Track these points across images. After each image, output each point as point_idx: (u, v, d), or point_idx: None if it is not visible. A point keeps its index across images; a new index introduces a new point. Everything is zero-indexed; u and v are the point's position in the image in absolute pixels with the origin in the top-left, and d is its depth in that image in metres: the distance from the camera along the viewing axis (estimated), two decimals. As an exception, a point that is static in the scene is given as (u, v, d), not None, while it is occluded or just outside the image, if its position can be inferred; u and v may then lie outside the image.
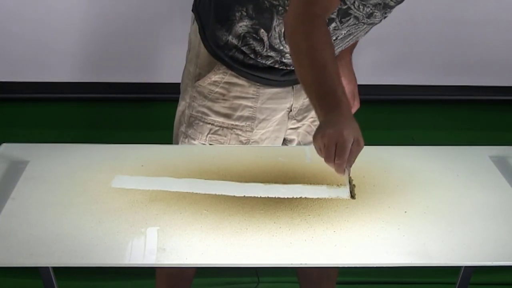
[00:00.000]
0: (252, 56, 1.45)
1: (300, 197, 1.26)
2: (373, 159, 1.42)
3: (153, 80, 2.16)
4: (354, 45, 1.59)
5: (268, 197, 1.26)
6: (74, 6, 2.03)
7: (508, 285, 2.23)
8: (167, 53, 2.11)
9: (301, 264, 1.10)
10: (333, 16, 1.33)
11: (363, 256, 1.11)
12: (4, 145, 1.42)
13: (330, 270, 1.72)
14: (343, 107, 1.19)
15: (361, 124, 1.35)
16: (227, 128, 1.51)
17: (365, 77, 2.12)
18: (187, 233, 1.14)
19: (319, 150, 1.19)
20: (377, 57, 2.16)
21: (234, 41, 1.44)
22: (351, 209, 1.23)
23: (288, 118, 1.56)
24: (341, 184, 1.31)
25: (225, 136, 1.51)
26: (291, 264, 1.10)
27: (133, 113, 2.23)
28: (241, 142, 1.52)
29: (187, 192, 1.27)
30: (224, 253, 1.10)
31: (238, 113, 1.50)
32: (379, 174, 1.36)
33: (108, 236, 1.13)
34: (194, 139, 1.54)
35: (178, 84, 1.62)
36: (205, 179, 1.32)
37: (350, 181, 1.27)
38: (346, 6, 1.32)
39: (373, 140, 2.24)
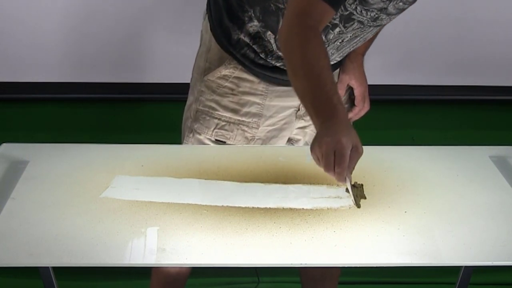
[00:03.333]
0: (262, 55, 1.45)
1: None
2: (373, 159, 1.42)
3: (153, 80, 2.16)
4: (366, 48, 1.58)
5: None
6: (70, 7, 2.03)
7: (508, 285, 2.23)
8: (167, 54, 2.11)
9: (301, 264, 1.10)
10: (336, 21, 1.33)
11: (363, 256, 1.11)
12: (4, 145, 1.42)
13: (333, 269, 1.72)
14: (339, 115, 1.17)
15: (361, 124, 1.36)
16: (233, 123, 1.51)
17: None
18: (187, 233, 1.14)
19: (317, 160, 1.17)
20: (377, 57, 2.16)
21: (246, 39, 1.44)
22: (351, 209, 1.23)
23: (296, 117, 1.56)
24: (341, 184, 1.31)
25: (231, 132, 1.51)
26: (291, 264, 1.10)
27: (132, 113, 2.23)
28: (247, 139, 1.52)
29: (187, 193, 1.27)
30: (224, 253, 1.10)
31: (246, 109, 1.50)
32: (379, 174, 1.36)
33: (108, 236, 1.13)
34: (200, 134, 1.53)
35: (179, 84, 1.62)
36: (205, 179, 1.32)
37: (353, 187, 1.26)
38: (348, 12, 1.31)
39: (373, 140, 2.24)
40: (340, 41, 1.40)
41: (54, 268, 1.28)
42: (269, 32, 1.40)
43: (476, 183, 1.34)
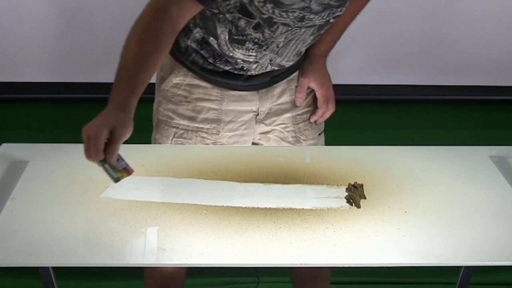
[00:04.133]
0: (211, 60, 1.44)
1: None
2: (373, 159, 1.42)
3: (153, 80, 2.16)
4: (328, 49, 1.57)
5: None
6: (71, 7, 2.03)
7: (508, 285, 2.23)
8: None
9: (301, 264, 1.10)
10: (261, 22, 1.31)
11: (363, 256, 1.11)
12: (4, 145, 1.42)
13: (323, 269, 1.71)
14: (118, 100, 1.20)
15: (362, 124, 1.35)
16: (191, 131, 1.49)
17: (365, 77, 2.13)
18: (187, 233, 1.14)
19: None
20: (377, 57, 2.16)
21: (194, 45, 1.44)
22: (351, 209, 1.23)
23: (256, 121, 1.54)
24: (341, 184, 1.31)
25: (190, 139, 1.50)
26: (291, 264, 1.10)
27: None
28: (208, 145, 1.51)
29: (187, 193, 1.27)
30: (224, 253, 1.10)
31: (203, 116, 1.49)
32: (379, 174, 1.36)
33: (108, 236, 1.13)
34: (161, 144, 1.53)
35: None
36: (205, 179, 1.32)
37: (353, 188, 1.26)
38: (266, 16, 1.29)
39: (373, 140, 2.24)
40: (275, 45, 1.38)
41: (54, 268, 1.28)
42: (211, 38, 1.40)
43: (476, 183, 1.34)
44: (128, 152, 1.41)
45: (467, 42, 2.17)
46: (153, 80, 2.12)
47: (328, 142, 1.65)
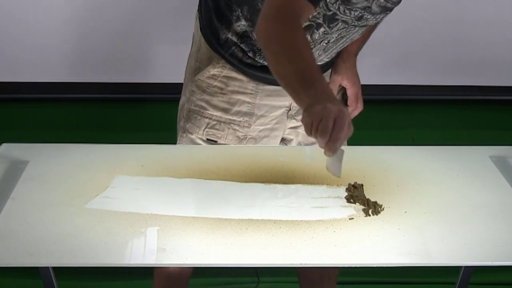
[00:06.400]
0: (250, 54, 1.45)
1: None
2: (373, 159, 1.42)
3: (153, 80, 2.17)
4: (359, 47, 1.58)
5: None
6: (70, 7, 2.03)
7: (508, 285, 2.23)
8: (167, 54, 2.11)
9: (301, 264, 1.10)
10: (319, 21, 1.33)
11: (363, 256, 1.11)
12: (4, 145, 1.42)
13: (331, 270, 1.72)
14: (332, 95, 1.14)
15: (362, 124, 1.35)
16: (224, 122, 1.51)
17: (365, 77, 2.12)
18: (187, 233, 1.14)
19: (309, 125, 1.08)
20: (377, 57, 2.16)
21: (234, 39, 1.45)
22: (351, 209, 1.23)
23: (288, 117, 1.56)
24: (341, 184, 1.31)
25: (222, 131, 1.52)
26: (291, 264, 1.10)
27: (132, 113, 2.23)
28: (238, 138, 1.53)
29: (187, 193, 1.27)
30: (224, 253, 1.10)
31: (236, 108, 1.50)
32: (379, 174, 1.36)
33: (108, 236, 1.12)
34: (191, 133, 1.54)
35: (178, 84, 1.62)
36: (205, 179, 1.32)
37: (353, 188, 1.26)
38: (331, 12, 1.31)
39: (373, 140, 2.24)
40: (326, 42, 1.40)
41: (54, 268, 1.28)
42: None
43: (476, 183, 1.34)
44: (128, 152, 1.42)
45: (467, 42, 2.17)
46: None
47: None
